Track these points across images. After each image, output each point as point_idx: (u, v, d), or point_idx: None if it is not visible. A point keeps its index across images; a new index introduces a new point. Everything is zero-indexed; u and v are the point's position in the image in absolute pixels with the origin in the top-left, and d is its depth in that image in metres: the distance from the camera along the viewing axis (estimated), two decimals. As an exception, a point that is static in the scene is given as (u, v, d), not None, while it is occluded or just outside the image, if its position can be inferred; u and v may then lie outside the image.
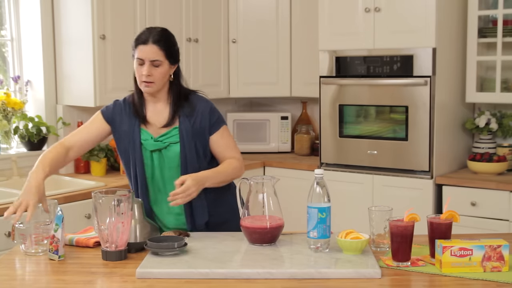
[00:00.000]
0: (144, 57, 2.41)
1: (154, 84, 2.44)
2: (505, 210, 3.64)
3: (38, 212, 2.31)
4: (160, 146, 2.48)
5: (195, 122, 2.48)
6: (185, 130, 2.47)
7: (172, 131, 2.48)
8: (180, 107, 2.50)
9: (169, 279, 1.94)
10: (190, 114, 2.49)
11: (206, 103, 2.55)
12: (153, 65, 2.41)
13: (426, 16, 3.77)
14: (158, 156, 2.49)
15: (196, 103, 2.52)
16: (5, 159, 3.81)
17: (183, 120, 2.48)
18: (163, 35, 2.45)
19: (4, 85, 4.01)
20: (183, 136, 2.46)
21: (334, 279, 1.93)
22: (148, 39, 2.41)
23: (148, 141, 2.49)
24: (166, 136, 2.49)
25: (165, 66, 2.44)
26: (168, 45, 2.45)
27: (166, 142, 2.48)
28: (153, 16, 4.18)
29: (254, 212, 2.25)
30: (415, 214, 2.06)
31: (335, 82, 4.15)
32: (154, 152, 2.49)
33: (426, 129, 3.83)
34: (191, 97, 2.53)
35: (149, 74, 2.40)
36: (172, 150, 2.48)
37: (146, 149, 2.49)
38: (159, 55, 2.41)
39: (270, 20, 4.68)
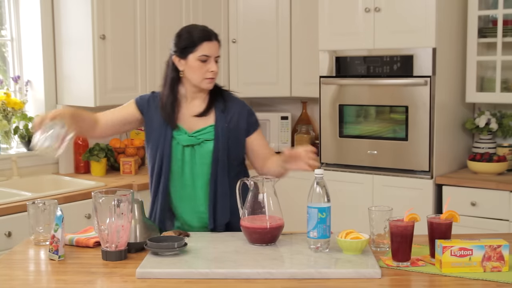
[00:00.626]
0: (211, 54, 2.43)
1: (215, 79, 2.48)
2: (505, 210, 3.64)
3: (38, 212, 2.31)
4: (194, 142, 2.47)
5: (231, 121, 2.49)
6: (220, 128, 2.47)
7: (207, 128, 2.48)
8: (215, 101, 2.51)
9: (169, 279, 1.94)
10: (226, 111, 2.49)
11: (243, 104, 2.56)
12: (216, 60, 2.46)
13: (426, 16, 3.77)
14: (190, 152, 2.48)
15: (231, 101, 2.54)
16: (5, 159, 3.81)
17: (219, 118, 2.48)
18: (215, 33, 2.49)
19: (4, 85, 4.01)
20: (218, 134, 2.46)
21: (334, 279, 1.93)
22: (211, 35, 2.44)
23: (182, 136, 2.48)
24: (201, 132, 2.48)
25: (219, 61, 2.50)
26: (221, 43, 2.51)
27: (201, 138, 2.47)
28: (153, 16, 4.18)
29: (254, 212, 2.24)
30: (415, 214, 2.06)
31: (335, 82, 4.15)
32: (186, 147, 2.47)
33: (426, 129, 3.83)
34: (225, 93, 2.55)
35: (216, 70, 2.44)
36: (205, 146, 2.47)
37: (179, 144, 2.47)
38: (219, 51, 2.48)
39: (270, 20, 4.68)
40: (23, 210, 3.06)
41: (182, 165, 2.48)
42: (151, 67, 4.21)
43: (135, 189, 3.72)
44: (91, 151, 4.02)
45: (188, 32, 2.45)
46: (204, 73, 2.43)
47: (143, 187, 3.80)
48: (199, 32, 2.44)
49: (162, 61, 4.25)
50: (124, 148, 4.21)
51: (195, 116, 2.49)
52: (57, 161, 4.09)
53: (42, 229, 2.31)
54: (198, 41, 2.41)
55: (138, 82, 4.14)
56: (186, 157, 2.48)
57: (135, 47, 4.10)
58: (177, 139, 2.47)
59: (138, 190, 3.75)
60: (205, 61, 2.42)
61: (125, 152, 4.20)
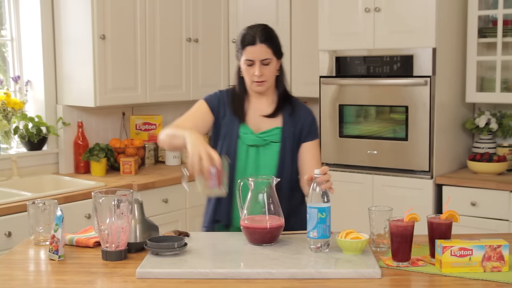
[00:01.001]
0: (254, 58, 2.40)
1: (267, 82, 2.44)
2: (505, 210, 3.64)
3: (38, 212, 2.31)
4: (259, 143, 2.46)
5: (297, 125, 2.48)
6: (287, 131, 2.46)
7: (274, 130, 2.47)
8: (284, 105, 2.50)
9: (169, 279, 1.94)
10: (293, 115, 2.49)
11: (310, 111, 2.55)
12: (263, 63, 2.41)
13: (426, 16, 3.77)
14: (255, 152, 2.47)
15: (299, 107, 2.53)
16: (5, 159, 3.82)
17: (286, 120, 2.47)
18: (269, 32, 2.44)
19: (4, 85, 4.01)
20: (285, 137, 2.46)
21: (334, 279, 1.93)
22: (255, 39, 2.39)
23: (247, 135, 2.46)
24: (267, 134, 2.47)
25: (274, 63, 2.45)
26: (275, 42, 2.45)
27: (267, 140, 2.46)
28: (153, 16, 4.18)
29: (254, 212, 2.24)
30: (415, 214, 2.06)
31: (335, 82, 4.15)
32: (251, 147, 2.46)
33: (426, 129, 3.84)
34: (293, 100, 2.54)
35: (262, 74, 2.40)
36: (271, 148, 2.46)
37: (243, 143, 2.46)
38: (268, 54, 2.41)
39: (270, 20, 4.65)
40: (23, 210, 3.06)
41: (245, 165, 2.47)
42: (151, 67, 4.21)
43: (135, 189, 3.72)
44: (91, 151, 4.02)
45: (241, 35, 2.44)
46: (251, 76, 2.43)
47: (143, 187, 3.81)
48: (245, 36, 2.41)
49: (162, 61, 4.28)
50: (124, 148, 4.21)
51: (264, 116, 2.48)
52: (57, 161, 4.09)
53: (42, 229, 2.31)
54: (242, 45, 2.41)
55: (138, 82, 4.15)
56: (250, 157, 2.47)
57: (135, 47, 4.10)
58: (242, 138, 2.46)
59: (138, 190, 3.75)
60: (251, 65, 2.41)
61: (125, 152, 4.20)
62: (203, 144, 2.18)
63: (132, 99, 4.16)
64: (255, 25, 2.47)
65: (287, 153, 2.46)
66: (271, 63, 2.43)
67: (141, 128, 4.43)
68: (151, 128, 4.44)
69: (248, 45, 2.40)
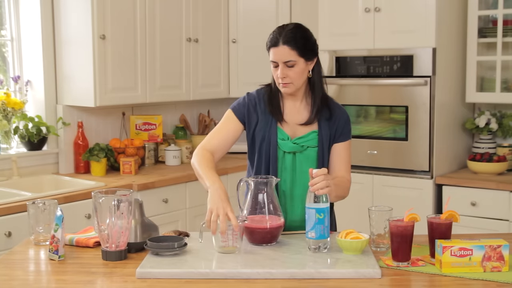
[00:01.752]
0: (277, 60, 2.34)
1: (292, 84, 2.37)
2: (505, 210, 3.64)
3: (38, 212, 2.31)
4: (297, 149, 2.41)
5: (332, 128, 2.43)
6: (325, 135, 2.42)
7: (310, 135, 2.42)
8: (322, 109, 2.43)
9: (169, 279, 1.94)
10: (329, 119, 2.43)
11: (344, 111, 2.49)
12: (287, 65, 2.34)
13: (426, 16, 3.78)
14: (291, 159, 2.43)
15: (336, 109, 2.46)
16: (5, 159, 3.81)
17: (323, 125, 2.42)
18: (294, 33, 2.33)
19: (4, 85, 4.01)
20: (322, 141, 2.42)
21: (334, 279, 1.93)
22: (278, 40, 2.32)
23: (285, 142, 2.41)
24: (304, 139, 2.42)
25: (301, 65, 2.35)
26: (301, 43, 2.33)
27: (304, 145, 2.42)
28: (153, 16, 4.18)
29: (254, 212, 2.24)
30: (415, 214, 2.06)
31: (335, 82, 4.15)
32: (288, 154, 2.42)
33: (426, 129, 3.84)
34: (330, 102, 2.46)
35: (284, 76, 2.34)
36: (307, 154, 2.42)
37: (280, 149, 2.42)
38: (292, 55, 2.32)
39: (270, 20, 4.68)
40: (23, 210, 3.06)
41: (281, 172, 2.43)
42: (151, 67, 4.21)
43: (135, 189, 3.72)
44: (91, 151, 4.02)
45: (269, 36, 2.39)
46: (277, 78, 2.38)
47: (143, 187, 3.81)
48: (271, 37, 2.36)
49: (162, 61, 4.28)
50: (124, 148, 4.21)
51: (300, 125, 2.43)
52: (57, 161, 4.09)
53: (42, 229, 2.31)
54: (268, 47, 2.37)
55: (138, 82, 4.14)
56: (286, 163, 2.43)
57: (135, 47, 4.10)
58: (280, 145, 2.42)
59: (138, 190, 3.75)
60: (276, 67, 2.37)
61: (125, 152, 4.20)
62: (223, 201, 2.12)
63: (132, 99, 4.16)
64: (286, 25, 2.39)
65: (325, 157, 2.42)
66: (296, 65, 2.34)
67: (141, 128, 4.43)
68: (151, 128, 4.44)
69: (272, 47, 2.35)
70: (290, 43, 2.32)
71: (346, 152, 2.48)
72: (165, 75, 4.31)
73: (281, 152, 2.42)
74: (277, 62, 2.35)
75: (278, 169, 2.42)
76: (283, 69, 2.34)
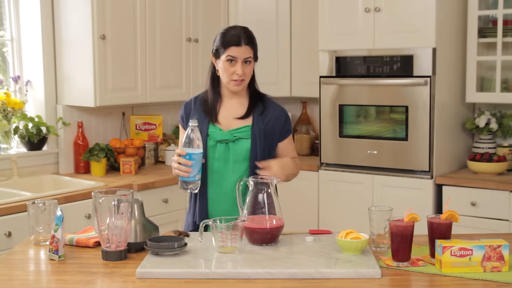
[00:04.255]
0: (238, 56, 2.46)
1: (244, 81, 2.52)
2: (505, 210, 3.64)
3: (38, 212, 2.31)
4: (228, 138, 2.51)
5: (268, 124, 2.55)
6: (258, 129, 2.52)
7: (244, 128, 2.53)
8: (255, 104, 2.57)
9: (169, 279, 1.94)
10: (263, 114, 2.56)
11: (281, 108, 2.63)
12: (245, 62, 2.49)
13: (426, 16, 3.77)
14: (224, 148, 2.52)
15: (271, 106, 2.60)
16: (5, 159, 3.82)
17: (256, 119, 2.54)
18: (251, 35, 2.52)
19: (4, 85, 4.01)
20: (255, 134, 2.51)
21: (334, 279, 1.93)
22: (240, 40, 2.47)
23: (216, 132, 2.53)
24: (237, 130, 2.53)
25: (253, 63, 2.54)
26: (256, 44, 2.54)
27: (236, 136, 2.52)
28: (153, 16, 4.18)
29: (254, 212, 2.24)
30: (415, 214, 2.06)
31: (335, 82, 4.15)
32: (220, 143, 2.51)
33: (426, 129, 3.84)
34: (265, 98, 2.62)
35: (243, 72, 2.48)
36: (240, 145, 2.51)
37: (213, 140, 2.51)
38: (251, 54, 2.50)
39: (270, 20, 4.68)
40: (23, 210, 3.06)
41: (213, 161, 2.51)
42: (151, 67, 4.21)
43: (135, 189, 3.72)
44: (91, 151, 4.02)
45: (222, 35, 2.51)
46: (231, 74, 2.48)
47: (143, 187, 3.81)
48: (230, 36, 2.47)
49: (162, 61, 4.29)
50: (124, 148, 4.21)
51: (236, 118, 2.55)
52: (57, 161, 4.09)
53: (42, 229, 2.31)
54: (227, 45, 2.47)
55: (138, 82, 4.15)
56: (218, 152, 2.51)
57: (135, 47, 4.10)
58: (211, 135, 2.52)
59: (138, 190, 3.75)
60: (232, 61, 2.47)
61: (125, 152, 4.20)
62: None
63: (132, 99, 4.16)
64: (237, 26, 2.55)
65: (259, 149, 2.51)
66: (251, 63, 2.52)
67: (141, 128, 4.43)
68: (151, 128, 4.44)
69: (233, 46, 2.46)
70: (250, 44, 2.50)
71: (291, 144, 2.66)
72: (165, 75, 4.31)
73: (213, 142, 2.51)
74: (235, 58, 2.46)
75: (209, 158, 2.51)
76: (242, 65, 2.48)
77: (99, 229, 2.10)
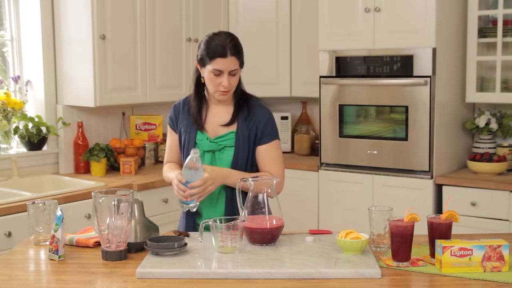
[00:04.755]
0: (223, 69, 2.40)
1: (230, 91, 2.47)
2: (505, 210, 3.64)
3: (38, 212, 2.31)
4: (214, 148, 2.50)
5: (252, 129, 2.49)
6: (241, 135, 2.48)
7: (229, 135, 2.50)
8: (240, 109, 2.51)
9: (169, 279, 1.94)
10: (248, 118, 2.50)
11: (265, 111, 2.54)
12: (231, 74, 2.43)
13: (426, 16, 3.77)
14: (211, 157, 2.50)
15: (255, 109, 2.52)
16: (5, 159, 3.82)
17: (241, 125, 2.49)
18: (237, 43, 2.45)
19: (4, 85, 4.01)
20: (239, 141, 2.48)
21: (334, 279, 1.93)
22: (226, 51, 2.39)
23: (203, 141, 2.51)
24: (222, 138, 2.50)
25: (239, 73, 2.47)
26: (242, 53, 2.47)
27: (221, 144, 2.49)
28: (153, 16, 4.18)
29: (254, 212, 2.24)
30: (415, 214, 2.06)
31: (335, 82, 4.15)
32: (207, 153, 2.50)
33: (426, 129, 3.83)
34: (251, 101, 2.54)
35: (229, 84, 2.42)
36: (226, 153, 2.49)
37: (200, 149, 2.48)
38: (237, 65, 2.43)
39: (270, 20, 4.68)
40: (23, 210, 3.06)
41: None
42: (151, 67, 4.21)
43: (135, 189, 3.72)
44: (91, 151, 4.02)
45: (207, 43, 2.44)
46: (217, 85, 2.43)
47: (143, 187, 3.81)
48: (215, 46, 2.40)
49: (162, 61, 4.29)
50: (124, 148, 4.21)
51: (221, 126, 2.51)
52: (57, 161, 4.09)
53: (42, 229, 2.31)
54: (212, 56, 2.40)
55: (138, 82, 4.15)
56: (205, 162, 2.49)
57: (135, 47, 4.10)
58: (199, 145, 2.51)
59: (138, 190, 3.75)
60: (218, 75, 2.41)
61: (125, 152, 4.20)
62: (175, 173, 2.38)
63: (132, 99, 4.16)
64: (222, 34, 2.46)
65: (241, 157, 2.47)
66: (237, 73, 2.45)
67: (141, 128, 4.43)
68: (151, 128, 4.44)
69: (219, 57, 2.39)
70: (236, 54, 2.42)
71: (273, 152, 2.52)
72: (165, 75, 4.31)
73: (200, 151, 2.46)
74: (221, 71, 2.40)
75: None
76: (228, 78, 2.42)
77: (99, 229, 2.10)
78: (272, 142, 2.52)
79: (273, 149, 2.52)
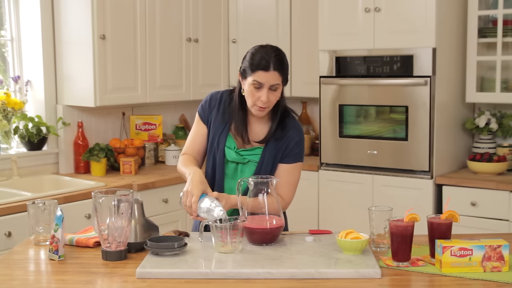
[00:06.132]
0: (264, 82, 2.32)
1: (268, 108, 2.39)
2: (505, 210, 3.64)
3: (38, 212, 2.31)
4: (239, 160, 2.46)
5: (280, 148, 2.44)
6: (267, 154, 2.43)
7: (256, 150, 2.45)
8: (277, 129, 2.44)
9: (169, 279, 1.94)
10: (279, 138, 2.44)
11: (299, 133, 2.48)
12: (271, 89, 2.34)
13: (426, 16, 3.77)
14: (234, 168, 2.47)
15: (289, 131, 2.46)
16: (5, 159, 3.82)
17: (271, 144, 2.44)
18: (282, 59, 2.36)
19: (4, 85, 4.01)
20: (264, 159, 2.43)
21: (334, 279, 1.93)
22: (269, 65, 2.31)
23: (230, 150, 2.45)
24: (249, 152, 2.46)
25: (280, 89, 2.39)
26: (287, 69, 2.38)
27: (246, 159, 2.45)
28: (153, 16, 4.18)
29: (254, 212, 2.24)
30: (415, 214, 2.06)
31: (335, 82, 4.15)
32: (231, 163, 2.47)
33: (426, 129, 3.83)
34: (287, 121, 2.47)
35: (268, 100, 2.34)
36: (249, 167, 2.45)
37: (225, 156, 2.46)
38: (279, 80, 2.34)
39: (270, 20, 4.68)
40: (23, 210, 3.06)
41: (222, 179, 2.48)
42: (151, 67, 4.21)
43: (135, 189, 3.72)
44: (91, 151, 4.02)
45: (251, 55, 2.35)
46: (255, 100, 2.35)
47: (143, 187, 3.81)
48: (259, 59, 2.32)
49: (162, 61, 4.28)
50: (124, 148, 4.21)
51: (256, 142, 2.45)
52: (57, 161, 4.09)
53: (42, 229, 2.31)
54: (255, 68, 2.32)
55: (138, 82, 4.15)
56: (228, 171, 2.47)
57: (135, 47, 4.10)
58: (225, 152, 2.46)
59: (138, 190, 3.75)
60: (258, 88, 2.33)
61: (125, 152, 4.20)
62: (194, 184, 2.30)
63: (132, 99, 4.16)
64: (268, 48, 2.37)
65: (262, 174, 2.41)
66: (279, 88, 2.37)
67: (141, 128, 4.43)
68: (151, 128, 4.44)
69: (260, 70, 2.31)
70: (279, 69, 2.33)
71: (291, 175, 2.47)
72: (165, 75, 4.31)
73: (225, 159, 2.45)
74: (262, 84, 2.33)
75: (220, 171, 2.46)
76: (268, 92, 2.34)
77: (99, 229, 2.10)
78: (294, 164, 2.48)
79: (293, 172, 2.48)
